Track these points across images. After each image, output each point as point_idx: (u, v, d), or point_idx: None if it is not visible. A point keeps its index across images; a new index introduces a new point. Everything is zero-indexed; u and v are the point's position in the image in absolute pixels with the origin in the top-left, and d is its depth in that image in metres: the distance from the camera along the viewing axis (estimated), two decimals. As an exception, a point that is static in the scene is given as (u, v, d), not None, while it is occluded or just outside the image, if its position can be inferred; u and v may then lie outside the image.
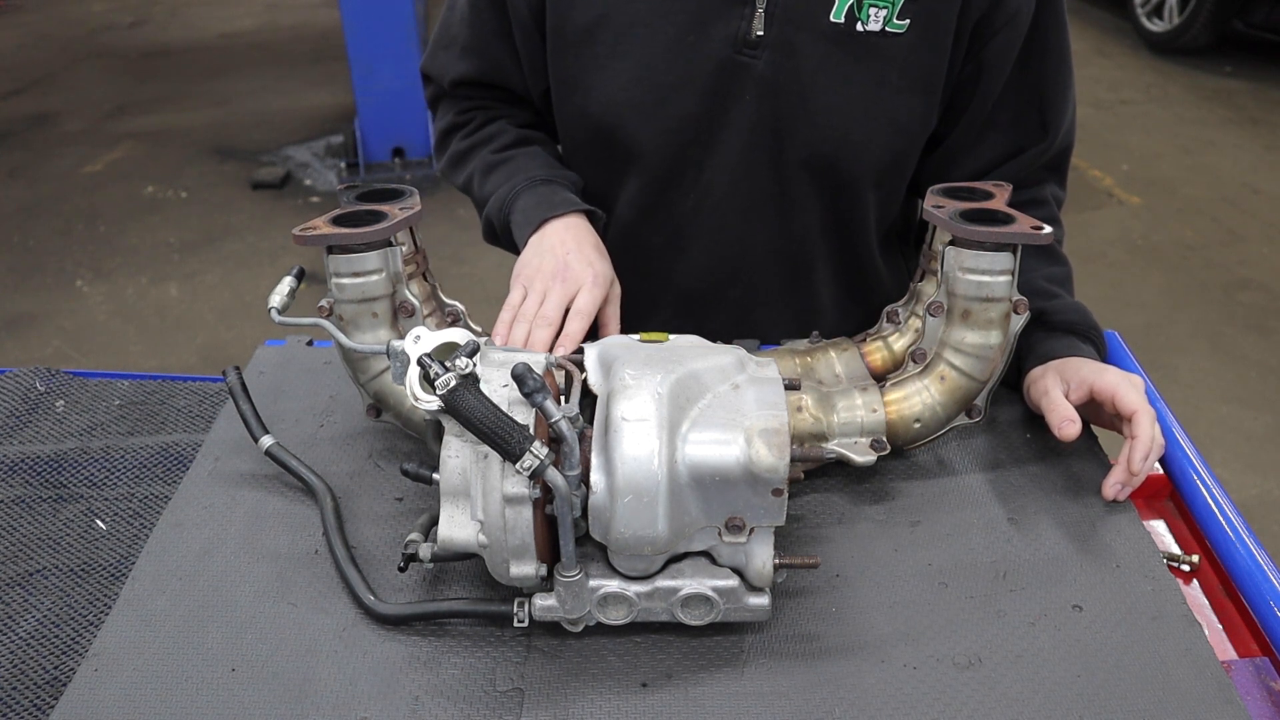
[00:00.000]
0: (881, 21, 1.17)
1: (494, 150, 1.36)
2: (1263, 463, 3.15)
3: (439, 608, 0.95)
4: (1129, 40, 6.72)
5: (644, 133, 1.25)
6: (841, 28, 1.17)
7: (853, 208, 1.30)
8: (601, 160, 1.32)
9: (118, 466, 1.23)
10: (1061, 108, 1.27)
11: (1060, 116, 1.27)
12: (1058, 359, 1.17)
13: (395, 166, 5.13)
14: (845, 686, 0.89)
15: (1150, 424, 1.07)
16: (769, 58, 1.19)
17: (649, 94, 1.23)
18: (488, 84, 1.38)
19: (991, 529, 1.06)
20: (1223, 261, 4.27)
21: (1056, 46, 1.24)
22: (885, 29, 1.17)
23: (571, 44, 1.25)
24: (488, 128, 1.39)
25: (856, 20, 1.17)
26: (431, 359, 0.85)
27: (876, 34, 1.17)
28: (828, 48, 1.18)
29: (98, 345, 3.90)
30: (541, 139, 1.40)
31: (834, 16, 1.17)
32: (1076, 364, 1.15)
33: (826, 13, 1.17)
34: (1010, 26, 1.19)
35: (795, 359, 1.19)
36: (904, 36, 1.18)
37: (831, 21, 1.17)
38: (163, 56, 7.25)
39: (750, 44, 1.19)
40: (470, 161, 1.39)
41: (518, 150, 1.36)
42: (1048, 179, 1.32)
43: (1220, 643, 1.07)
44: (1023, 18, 1.19)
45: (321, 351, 1.36)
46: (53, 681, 0.96)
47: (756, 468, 0.84)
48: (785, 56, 1.19)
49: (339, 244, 1.03)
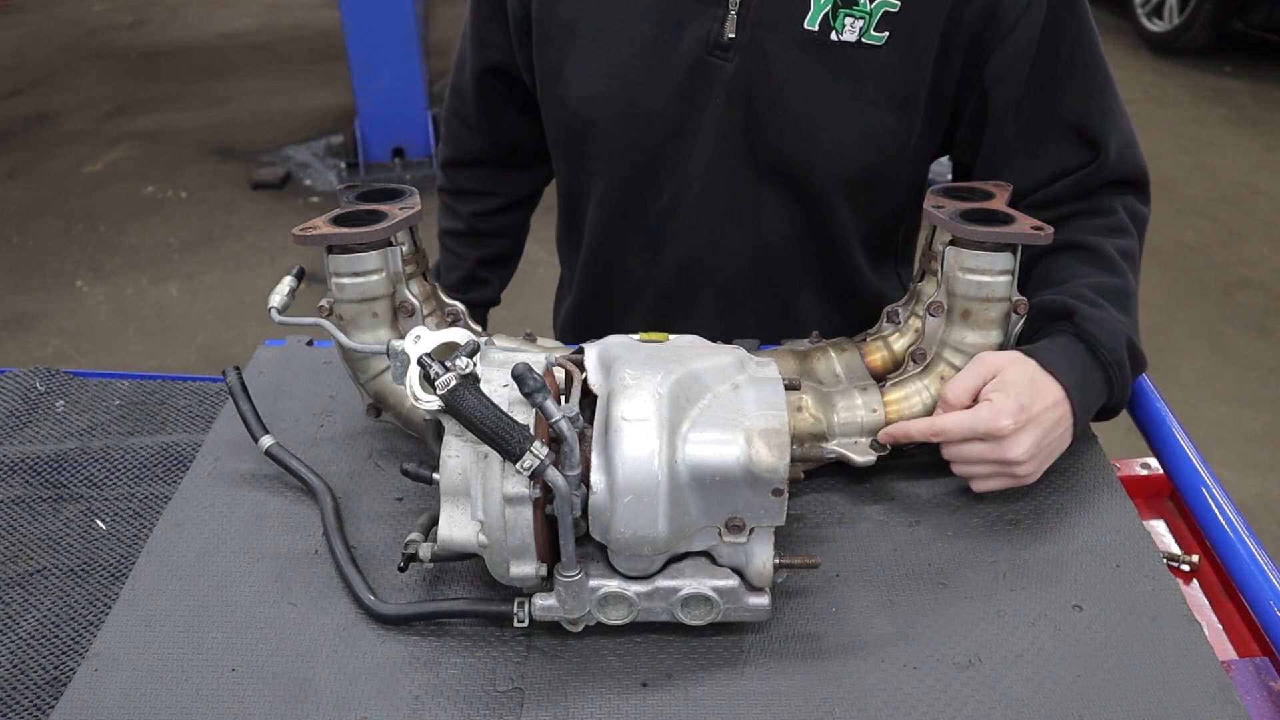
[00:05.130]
0: (858, 32, 1.15)
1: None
2: (1263, 463, 3.15)
3: (439, 608, 0.95)
4: (1129, 40, 6.72)
5: (617, 129, 1.25)
6: (815, 35, 1.16)
7: (827, 220, 1.28)
8: (579, 155, 1.32)
9: (118, 466, 1.23)
10: (1106, 122, 1.18)
11: (1107, 131, 1.18)
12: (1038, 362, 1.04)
13: (395, 166, 5.12)
14: (845, 686, 0.89)
15: (953, 423, 1.00)
16: (740, 61, 1.18)
17: (623, 90, 1.22)
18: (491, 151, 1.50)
19: (991, 529, 1.06)
20: (1223, 261, 4.27)
21: (1087, 61, 1.18)
22: (862, 40, 1.15)
23: (554, 37, 1.25)
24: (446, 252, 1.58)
25: (831, 29, 1.15)
26: (431, 359, 0.85)
27: (852, 45, 1.16)
28: (800, 54, 1.17)
29: (98, 345, 3.90)
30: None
31: (808, 24, 1.15)
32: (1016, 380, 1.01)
33: (800, 19, 1.15)
34: (1010, 41, 1.15)
35: (795, 359, 1.19)
36: (881, 50, 1.16)
37: (805, 29, 1.16)
38: (163, 56, 7.25)
39: (722, 46, 1.18)
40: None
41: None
42: (1120, 191, 1.21)
43: (1220, 643, 1.07)
44: (1025, 32, 1.15)
45: (321, 351, 1.36)
46: (53, 681, 0.96)
47: (757, 468, 0.84)
48: (756, 61, 1.18)
49: (339, 244, 1.03)
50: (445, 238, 1.59)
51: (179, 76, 6.80)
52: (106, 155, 5.58)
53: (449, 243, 1.59)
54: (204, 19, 8.04)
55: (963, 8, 1.15)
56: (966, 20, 1.15)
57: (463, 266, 1.57)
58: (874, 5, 1.14)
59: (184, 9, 8.33)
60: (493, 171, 1.53)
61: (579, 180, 1.36)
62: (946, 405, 1.04)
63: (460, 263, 1.57)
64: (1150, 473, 1.27)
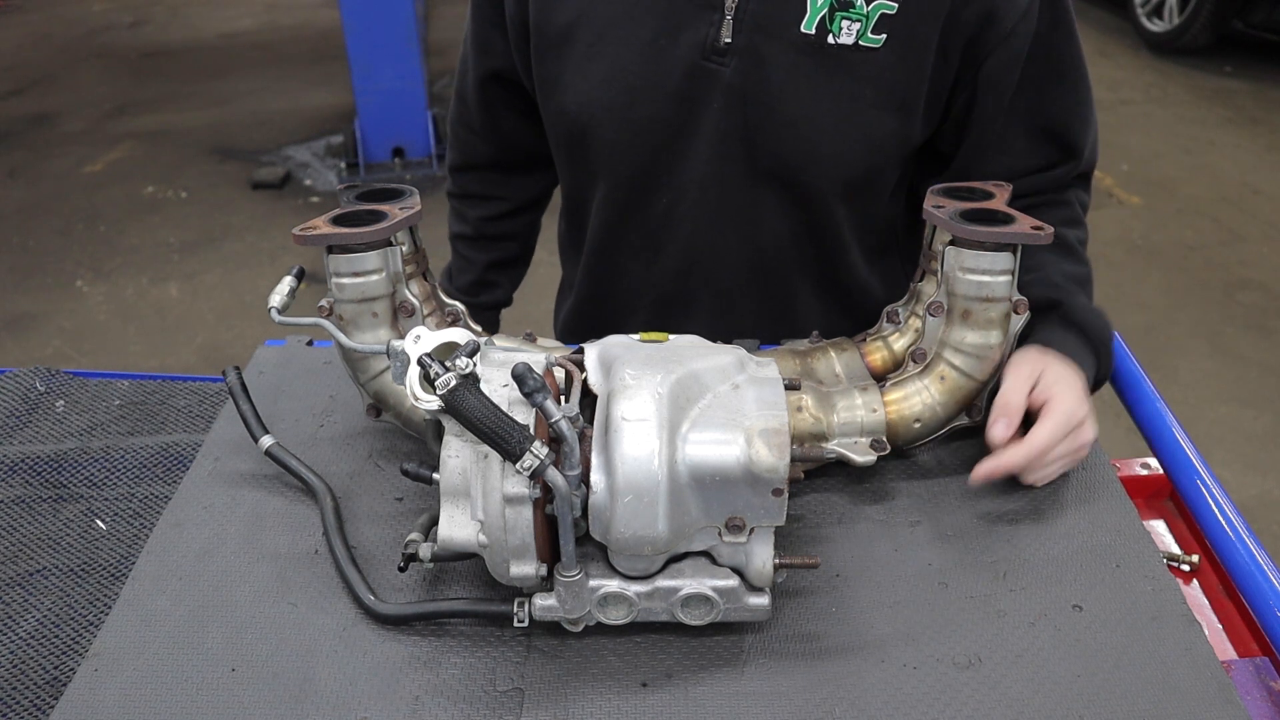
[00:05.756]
0: (855, 35, 1.15)
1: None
2: (1263, 463, 3.15)
3: (439, 608, 0.95)
4: (1129, 40, 6.72)
5: (616, 134, 1.25)
6: (812, 39, 1.16)
7: (824, 220, 1.29)
8: (579, 159, 1.32)
9: (118, 466, 1.23)
10: (1084, 130, 1.25)
11: (1084, 139, 1.25)
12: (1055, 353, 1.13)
13: (395, 166, 5.13)
14: (845, 686, 0.89)
15: (1047, 435, 1.04)
16: (737, 65, 1.18)
17: (621, 95, 1.23)
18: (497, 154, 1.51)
19: (991, 529, 1.06)
20: (1223, 261, 4.27)
21: (1072, 70, 1.22)
22: (859, 43, 1.16)
23: (552, 43, 1.25)
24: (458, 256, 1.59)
25: (828, 32, 1.15)
26: (431, 359, 0.85)
27: (849, 48, 1.16)
28: (797, 58, 1.17)
29: (98, 345, 3.90)
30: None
31: (804, 27, 1.15)
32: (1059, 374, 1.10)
33: (797, 23, 1.15)
34: (1005, 47, 1.17)
35: (795, 359, 1.19)
36: (879, 52, 1.16)
37: (802, 32, 1.16)
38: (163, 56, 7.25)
39: (719, 51, 1.18)
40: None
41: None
42: (1072, 184, 1.30)
43: (1220, 643, 1.07)
44: (1019, 37, 1.17)
45: (321, 351, 1.36)
46: (53, 681, 0.96)
47: (757, 468, 0.84)
48: (753, 65, 1.18)
49: (339, 244, 1.03)
50: (455, 241, 1.60)
51: (179, 76, 6.80)
52: (106, 155, 5.58)
53: (459, 247, 1.59)
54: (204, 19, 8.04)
55: (961, 10, 1.15)
56: (963, 23, 1.16)
57: (473, 270, 1.58)
58: (871, 7, 1.14)
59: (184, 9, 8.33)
60: (498, 176, 1.54)
61: (579, 184, 1.37)
62: (1010, 412, 1.06)
63: (470, 266, 1.58)
64: (1150, 473, 1.28)
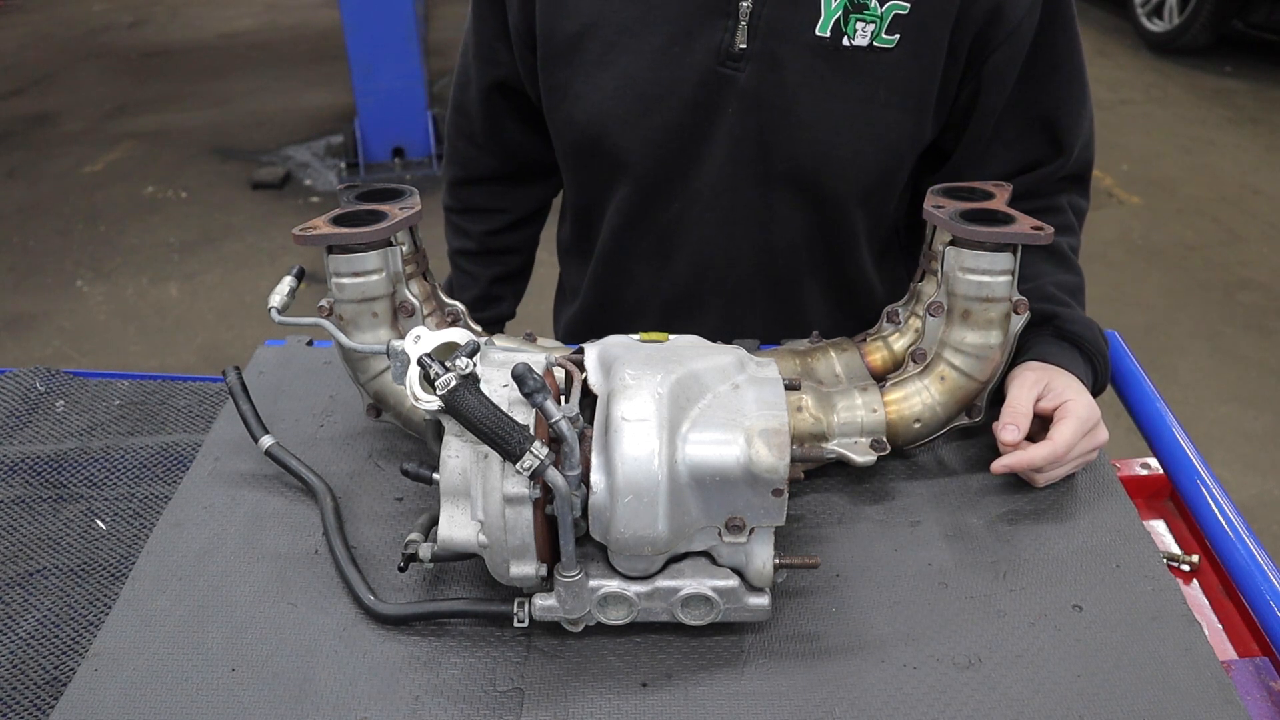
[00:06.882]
0: (869, 36, 1.15)
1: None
2: (1263, 463, 3.15)
3: (439, 608, 0.95)
4: (1129, 40, 6.72)
5: (629, 142, 1.24)
6: (827, 42, 1.15)
7: (839, 224, 1.29)
8: (589, 168, 1.32)
9: (118, 466, 1.23)
10: (1075, 125, 1.25)
11: (1075, 134, 1.25)
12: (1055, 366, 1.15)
13: (395, 166, 5.13)
14: (845, 686, 0.89)
15: (1070, 435, 1.06)
16: (752, 70, 1.18)
17: (634, 104, 1.22)
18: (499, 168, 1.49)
19: (991, 529, 1.06)
20: (1223, 261, 4.27)
21: (1067, 63, 1.22)
22: (873, 44, 1.15)
23: (561, 52, 1.24)
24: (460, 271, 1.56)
25: (843, 35, 1.15)
26: (431, 359, 0.85)
27: (864, 49, 1.16)
28: (812, 62, 1.17)
29: (98, 345, 3.90)
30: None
31: (819, 30, 1.15)
32: (1066, 383, 1.12)
33: (811, 27, 1.15)
34: (1010, 42, 1.17)
35: (795, 359, 1.19)
36: (893, 52, 1.16)
37: (817, 35, 1.15)
38: (163, 56, 7.25)
39: (733, 56, 1.17)
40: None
41: None
42: (1066, 189, 1.30)
43: (1220, 643, 1.07)
44: (1024, 33, 1.17)
45: (321, 351, 1.36)
46: (53, 681, 0.96)
47: (757, 468, 0.84)
48: (769, 70, 1.17)
49: (339, 244, 1.03)
50: (457, 258, 1.57)
51: (179, 76, 6.80)
52: (106, 155, 5.58)
53: (461, 263, 1.56)
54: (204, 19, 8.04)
55: (969, 6, 1.15)
56: (972, 19, 1.16)
57: (477, 286, 1.55)
58: (885, 8, 1.14)
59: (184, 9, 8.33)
60: (502, 188, 1.52)
61: (589, 191, 1.35)
62: (1019, 417, 1.07)
63: (474, 282, 1.55)
64: (1150, 473, 1.28)
